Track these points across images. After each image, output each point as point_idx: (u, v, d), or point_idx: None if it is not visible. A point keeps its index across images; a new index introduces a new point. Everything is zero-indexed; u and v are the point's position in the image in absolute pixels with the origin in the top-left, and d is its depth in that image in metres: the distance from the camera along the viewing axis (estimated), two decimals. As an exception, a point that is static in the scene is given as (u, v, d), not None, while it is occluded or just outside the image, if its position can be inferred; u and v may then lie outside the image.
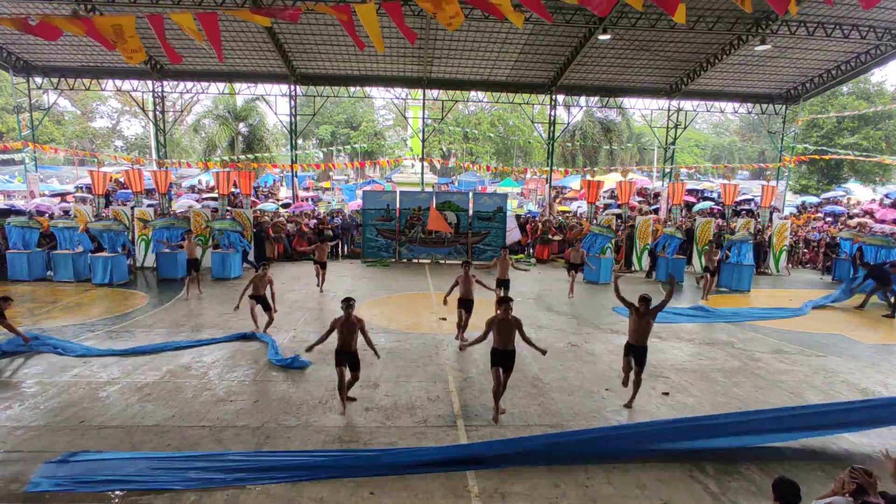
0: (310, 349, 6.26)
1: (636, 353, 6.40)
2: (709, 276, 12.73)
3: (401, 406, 6.40)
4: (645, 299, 6.31)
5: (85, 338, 8.79)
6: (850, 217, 23.76)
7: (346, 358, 6.13)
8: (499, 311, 6.02)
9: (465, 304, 8.79)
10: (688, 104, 24.46)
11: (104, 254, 13.30)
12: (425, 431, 5.77)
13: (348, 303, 6.04)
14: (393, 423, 5.92)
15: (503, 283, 10.30)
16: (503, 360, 6.03)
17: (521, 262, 15.32)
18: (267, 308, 9.05)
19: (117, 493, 4.55)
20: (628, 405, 6.49)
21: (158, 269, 14.08)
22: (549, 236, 18.53)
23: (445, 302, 8.72)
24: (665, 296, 6.34)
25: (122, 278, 13.38)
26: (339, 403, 6.31)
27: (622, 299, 6.66)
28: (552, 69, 21.61)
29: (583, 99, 25.59)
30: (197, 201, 22.89)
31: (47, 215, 16.62)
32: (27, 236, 13.42)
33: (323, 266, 12.74)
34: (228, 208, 18.82)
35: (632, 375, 6.49)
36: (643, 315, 6.31)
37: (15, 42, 19.52)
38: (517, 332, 5.98)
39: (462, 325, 8.91)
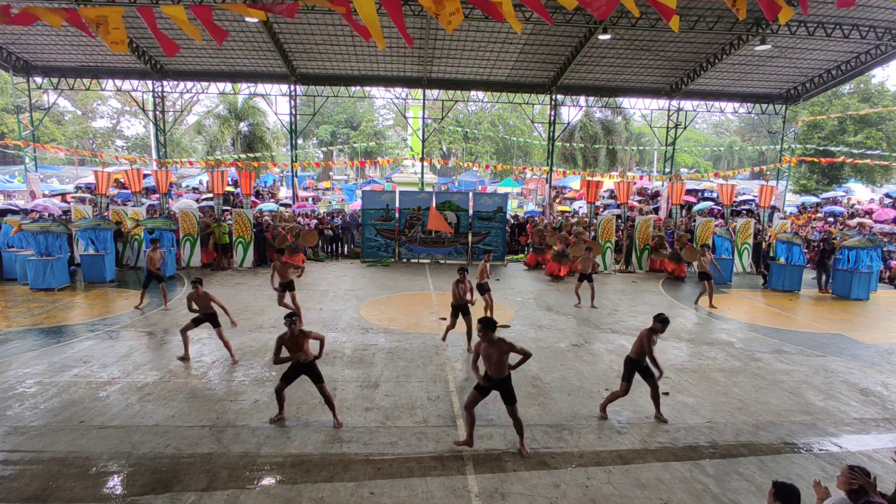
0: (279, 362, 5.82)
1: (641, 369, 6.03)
2: (706, 282, 11.99)
3: (401, 406, 6.40)
4: (661, 319, 5.94)
5: (85, 337, 8.79)
6: (851, 217, 23.77)
7: (303, 371, 5.78)
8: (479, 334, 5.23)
9: (461, 310, 8.49)
10: (688, 104, 24.46)
11: (43, 257, 12.21)
12: (425, 431, 5.77)
13: (290, 319, 5.67)
14: (393, 423, 5.92)
15: (479, 287, 9.88)
16: (498, 387, 5.28)
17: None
18: (216, 324, 7.76)
19: (117, 492, 4.57)
20: (660, 418, 6.16)
21: (145, 269, 14.03)
22: (542, 246, 16.78)
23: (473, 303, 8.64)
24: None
25: (62, 282, 12.31)
26: (338, 402, 6.32)
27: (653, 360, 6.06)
28: (552, 69, 21.60)
29: (582, 99, 25.57)
30: (196, 201, 22.89)
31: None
32: None
33: (288, 287, 9.90)
34: (226, 208, 18.81)
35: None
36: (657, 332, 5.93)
37: (15, 42, 19.51)
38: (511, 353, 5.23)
39: (467, 332, 8.62)
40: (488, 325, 5.18)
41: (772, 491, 3.15)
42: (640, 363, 6.04)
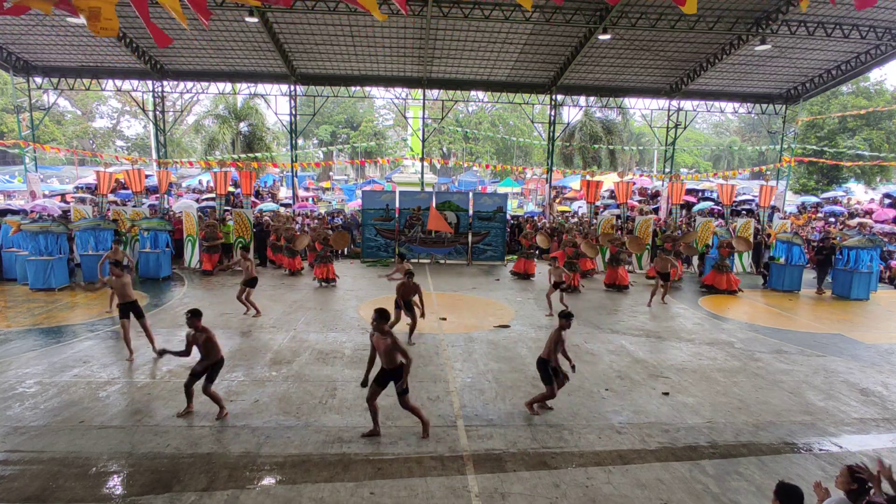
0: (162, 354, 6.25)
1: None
2: (661, 281, 12.21)
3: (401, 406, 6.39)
4: (564, 315, 6.25)
5: (85, 337, 8.78)
6: (851, 217, 23.78)
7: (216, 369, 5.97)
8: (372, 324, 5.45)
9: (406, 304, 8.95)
10: (688, 104, 24.45)
11: (42, 257, 12.18)
12: (425, 431, 5.76)
13: (189, 315, 5.84)
14: (393, 423, 5.92)
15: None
16: (391, 377, 5.48)
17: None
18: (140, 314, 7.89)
19: (116, 492, 4.57)
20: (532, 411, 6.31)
21: (139, 269, 14.02)
22: (531, 250, 15.74)
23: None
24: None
25: (62, 282, 12.31)
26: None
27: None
28: (552, 69, 21.59)
29: (582, 99, 25.56)
30: (196, 201, 22.89)
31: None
32: None
33: (251, 284, 10.27)
34: (227, 208, 18.82)
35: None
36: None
37: (15, 42, 19.51)
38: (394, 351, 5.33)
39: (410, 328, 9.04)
40: (380, 315, 5.39)
41: (775, 491, 3.16)
42: (551, 362, 6.15)
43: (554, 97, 23.24)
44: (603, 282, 14.11)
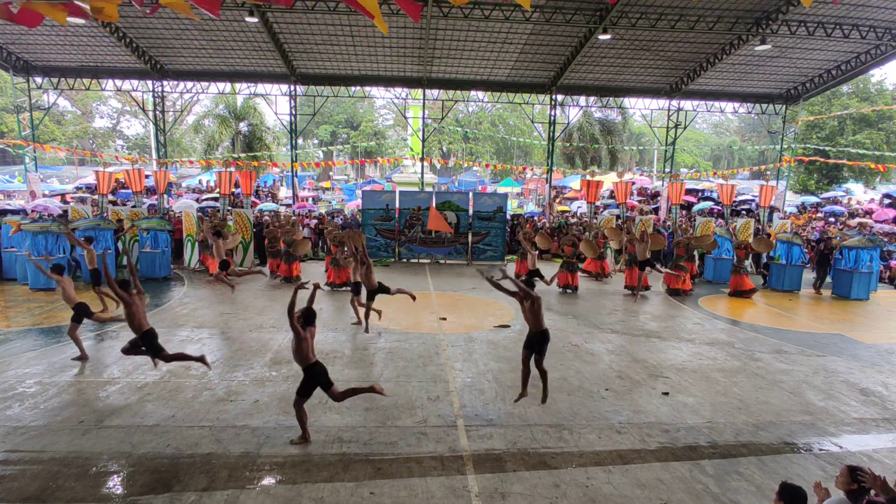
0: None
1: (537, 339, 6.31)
2: (639, 269, 12.30)
3: (401, 406, 6.40)
4: (526, 281, 6.51)
5: (84, 336, 8.77)
6: (851, 217, 23.79)
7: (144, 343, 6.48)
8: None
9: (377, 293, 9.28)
10: (688, 104, 24.45)
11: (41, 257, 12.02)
12: (425, 431, 5.77)
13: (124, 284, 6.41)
14: (393, 423, 5.92)
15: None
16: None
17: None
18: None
19: (117, 492, 4.57)
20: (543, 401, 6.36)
21: (139, 269, 13.93)
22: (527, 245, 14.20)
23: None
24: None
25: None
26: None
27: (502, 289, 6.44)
28: (552, 69, 21.60)
29: (582, 99, 25.57)
30: (196, 201, 22.90)
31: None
32: None
33: (223, 267, 10.96)
34: (230, 208, 18.82)
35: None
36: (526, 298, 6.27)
37: (15, 42, 19.51)
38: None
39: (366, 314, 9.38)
40: (307, 316, 5.75)
41: (778, 492, 3.16)
42: (537, 334, 6.30)
43: (554, 97, 23.23)
44: (624, 284, 13.52)
